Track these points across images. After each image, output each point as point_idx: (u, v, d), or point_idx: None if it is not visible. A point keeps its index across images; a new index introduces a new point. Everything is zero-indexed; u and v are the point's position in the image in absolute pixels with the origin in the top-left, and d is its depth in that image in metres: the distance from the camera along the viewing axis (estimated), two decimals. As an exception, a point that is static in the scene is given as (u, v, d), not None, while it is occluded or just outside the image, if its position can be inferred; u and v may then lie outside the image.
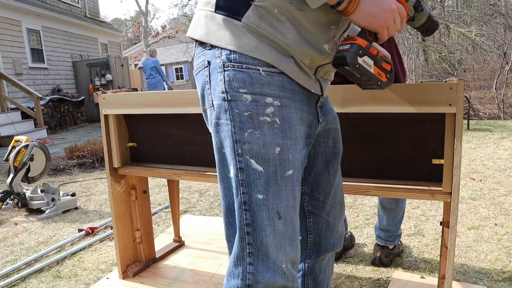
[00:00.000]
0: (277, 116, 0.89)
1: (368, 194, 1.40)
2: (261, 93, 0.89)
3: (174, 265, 2.15)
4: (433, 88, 1.21)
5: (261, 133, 0.88)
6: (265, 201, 0.89)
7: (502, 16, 12.49)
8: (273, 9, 0.87)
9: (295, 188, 0.93)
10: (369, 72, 0.91)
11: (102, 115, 1.84)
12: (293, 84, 0.93)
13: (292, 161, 0.91)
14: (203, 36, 0.93)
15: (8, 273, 2.21)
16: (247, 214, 0.90)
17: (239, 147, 0.89)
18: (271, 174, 0.89)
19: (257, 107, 0.88)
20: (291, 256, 0.93)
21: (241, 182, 0.90)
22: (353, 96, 1.32)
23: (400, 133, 1.37)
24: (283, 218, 0.90)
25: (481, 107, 9.24)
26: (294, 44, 0.90)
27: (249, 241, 0.91)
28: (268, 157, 0.89)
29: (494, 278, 1.87)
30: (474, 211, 2.73)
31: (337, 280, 1.94)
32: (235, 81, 0.88)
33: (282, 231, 0.90)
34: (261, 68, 0.89)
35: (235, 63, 0.89)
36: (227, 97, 0.89)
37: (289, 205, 0.91)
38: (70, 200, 3.33)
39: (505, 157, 4.23)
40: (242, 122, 0.89)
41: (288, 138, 0.90)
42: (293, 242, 0.93)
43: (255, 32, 0.88)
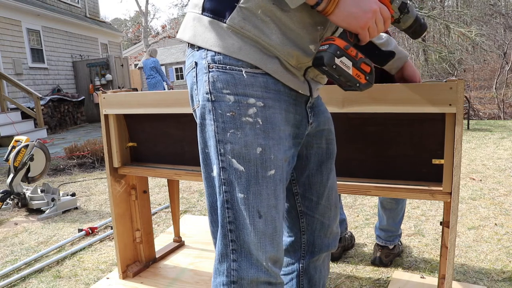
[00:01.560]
0: (259, 117, 0.91)
1: (368, 194, 1.40)
2: (244, 94, 0.90)
3: (174, 265, 2.15)
4: (433, 88, 1.21)
5: (243, 133, 0.90)
6: (245, 200, 0.91)
7: (502, 16, 12.49)
8: (256, 10, 0.88)
9: (277, 188, 0.94)
10: (347, 73, 0.90)
11: (102, 115, 1.84)
12: (278, 84, 0.93)
13: (274, 161, 0.92)
14: (191, 38, 0.95)
15: (8, 273, 2.21)
16: (229, 212, 0.92)
17: (221, 147, 0.91)
18: (252, 174, 0.91)
19: (239, 108, 0.90)
20: (271, 255, 0.94)
21: (223, 181, 0.92)
22: (353, 96, 1.32)
23: (400, 133, 1.37)
24: (263, 217, 0.92)
25: (481, 107, 9.24)
26: (279, 45, 0.91)
27: (232, 238, 0.93)
28: (249, 157, 0.90)
29: (494, 278, 1.87)
30: (474, 211, 2.73)
31: (337, 280, 1.94)
32: (219, 82, 0.90)
33: (262, 230, 0.92)
34: (244, 69, 0.90)
35: (219, 64, 0.90)
36: (211, 97, 0.91)
37: (270, 205, 0.93)
38: (70, 200, 3.33)
39: (505, 157, 4.23)
40: (224, 122, 0.90)
41: (270, 139, 0.92)
42: (274, 241, 0.94)
43: (239, 34, 0.90)
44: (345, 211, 2.82)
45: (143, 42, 23.39)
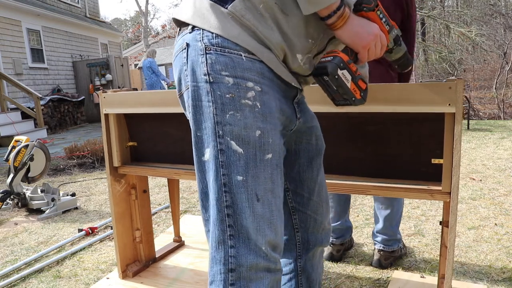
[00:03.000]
0: (257, 101, 0.91)
1: (368, 193, 1.40)
2: (242, 77, 0.90)
3: (174, 265, 2.15)
4: (432, 87, 1.21)
5: (243, 115, 0.90)
6: (244, 182, 0.90)
7: (502, 16, 12.49)
8: (259, 4, 0.91)
9: (274, 172, 0.94)
10: (346, 86, 0.95)
11: (103, 114, 1.84)
12: (271, 73, 0.95)
13: (272, 145, 0.93)
14: (189, 18, 0.95)
15: (8, 273, 2.21)
16: (227, 195, 0.91)
17: (220, 128, 0.90)
18: (250, 156, 0.90)
19: (238, 90, 0.90)
20: (270, 239, 0.94)
21: (221, 164, 0.91)
22: (353, 96, 1.32)
23: (400, 132, 1.37)
24: (261, 200, 0.92)
25: (481, 107, 9.24)
26: (274, 40, 0.93)
27: (230, 223, 0.91)
28: (248, 139, 0.90)
29: (494, 278, 1.87)
30: (474, 211, 2.73)
31: (337, 280, 1.94)
32: (218, 64, 0.90)
33: (261, 213, 0.92)
34: (243, 53, 0.91)
35: (218, 47, 0.91)
36: (209, 79, 0.90)
37: (267, 188, 0.93)
38: (70, 200, 3.34)
39: (505, 157, 4.23)
40: (224, 104, 0.90)
41: (268, 123, 0.92)
42: (272, 225, 0.94)
43: (239, 21, 0.91)
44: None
45: (143, 42, 23.37)
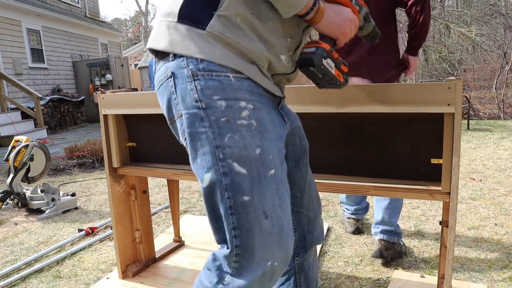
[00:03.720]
0: (252, 119, 0.92)
1: (367, 194, 1.40)
2: (234, 98, 0.91)
3: (174, 265, 2.15)
4: (431, 88, 1.21)
5: (240, 136, 0.90)
6: (251, 201, 0.90)
7: (502, 16, 12.49)
8: (235, 18, 0.91)
9: (280, 187, 0.95)
10: (331, 73, 1.01)
11: (102, 115, 1.84)
12: (258, 88, 0.97)
13: (273, 161, 0.94)
14: (167, 47, 0.94)
15: (8, 273, 2.21)
16: (233, 217, 0.91)
17: (220, 152, 0.90)
18: (254, 175, 0.91)
19: (232, 112, 0.91)
20: (279, 254, 0.93)
21: (226, 187, 0.91)
22: (352, 96, 1.32)
23: (399, 132, 1.37)
24: (269, 217, 0.92)
25: (481, 107, 9.23)
26: (257, 51, 0.94)
27: (237, 243, 0.92)
28: (250, 159, 0.91)
29: (494, 278, 1.87)
30: (474, 211, 2.73)
31: (337, 280, 1.94)
32: (207, 89, 0.90)
33: (269, 230, 0.92)
34: (230, 74, 0.92)
35: (204, 72, 0.91)
36: (202, 105, 0.91)
37: (275, 204, 0.93)
38: (70, 200, 3.34)
39: (505, 157, 4.23)
40: (220, 127, 0.90)
41: (265, 139, 0.93)
42: (281, 240, 0.93)
43: (219, 40, 0.92)
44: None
45: (143, 42, 23.35)
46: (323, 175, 1.50)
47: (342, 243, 2.34)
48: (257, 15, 0.92)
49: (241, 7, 0.91)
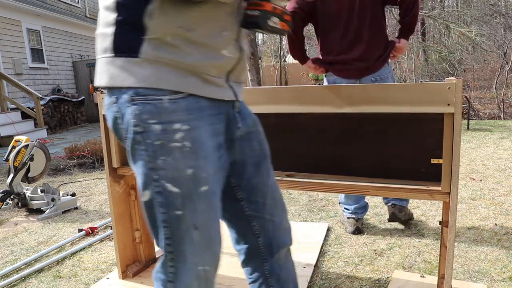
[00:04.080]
0: (186, 140, 0.96)
1: (367, 194, 1.40)
2: (169, 121, 0.95)
3: (174, 265, 2.15)
4: (431, 88, 1.21)
5: (173, 158, 0.96)
6: (183, 216, 0.98)
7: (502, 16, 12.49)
8: (165, 37, 0.94)
9: (210, 200, 1.01)
10: (277, 29, 1.04)
11: (101, 115, 1.84)
12: (200, 102, 0.99)
13: (206, 178, 0.99)
14: (108, 82, 0.98)
15: (8, 273, 2.21)
16: (167, 230, 1.00)
17: (154, 174, 0.97)
18: (186, 194, 0.97)
19: (167, 135, 0.95)
20: (208, 260, 1.03)
21: (160, 204, 0.98)
22: (351, 96, 1.32)
23: (399, 132, 1.37)
24: (199, 229, 1.00)
25: (481, 107, 9.23)
26: (195, 62, 0.96)
27: (170, 250, 1.01)
28: (182, 179, 0.97)
29: (494, 278, 1.87)
30: (474, 211, 2.73)
31: (337, 280, 1.94)
32: (144, 114, 0.95)
33: (199, 240, 1.00)
34: (165, 97, 0.95)
35: (142, 96, 0.94)
36: (139, 129, 0.96)
37: (205, 217, 1.00)
38: (70, 200, 3.34)
39: (505, 157, 4.23)
40: (155, 151, 0.96)
41: (200, 158, 0.98)
42: (210, 248, 1.03)
43: (155, 63, 0.94)
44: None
45: (143, 42, 23.29)
46: (323, 175, 1.50)
47: (342, 243, 2.34)
48: (184, 27, 0.94)
49: (166, 25, 0.93)
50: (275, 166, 1.61)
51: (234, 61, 1.05)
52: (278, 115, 1.52)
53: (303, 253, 2.19)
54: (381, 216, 2.71)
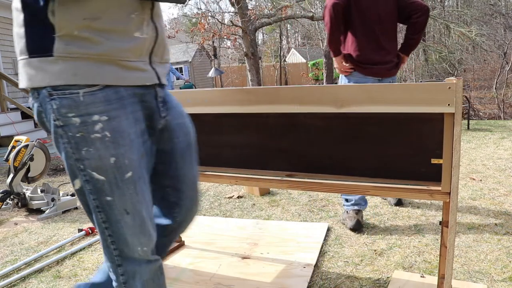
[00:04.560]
0: (106, 130, 1.01)
1: (367, 194, 1.40)
2: (87, 114, 0.99)
3: (174, 265, 2.15)
4: (431, 88, 1.21)
5: (95, 148, 1.01)
6: (112, 202, 1.05)
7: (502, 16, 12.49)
8: (73, 32, 0.96)
9: (137, 185, 1.07)
10: None
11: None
12: (119, 91, 1.02)
13: (129, 165, 1.05)
14: (28, 83, 1.02)
15: (8, 273, 2.21)
16: (102, 214, 1.07)
17: (80, 164, 1.03)
18: (112, 180, 1.03)
19: (86, 127, 1.00)
20: (144, 241, 1.11)
21: (90, 191, 1.05)
22: (351, 96, 1.32)
23: (399, 132, 1.37)
24: (130, 213, 1.07)
25: (481, 107, 9.24)
26: (108, 50, 0.99)
27: (109, 233, 1.09)
28: (106, 168, 1.02)
29: (494, 278, 1.87)
30: (474, 211, 2.73)
31: (337, 280, 1.94)
32: (62, 108, 0.99)
33: (131, 224, 1.08)
34: (82, 90, 0.98)
35: (59, 91, 0.98)
36: (59, 123, 1.00)
37: (134, 202, 1.07)
38: (70, 200, 3.34)
39: (505, 157, 4.23)
40: (77, 143, 1.01)
41: (121, 146, 1.03)
42: (143, 229, 1.10)
43: (69, 59, 0.97)
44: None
45: (143, 42, 23.27)
46: (323, 175, 1.50)
47: (342, 243, 2.34)
48: (89, 17, 0.96)
49: (71, 20, 0.95)
50: (275, 166, 1.61)
51: (151, 41, 1.08)
52: (278, 115, 1.52)
53: (303, 253, 2.19)
54: (381, 216, 2.71)
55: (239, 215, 2.96)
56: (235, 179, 1.62)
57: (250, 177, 1.59)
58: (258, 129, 1.61)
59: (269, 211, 2.99)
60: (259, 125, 1.60)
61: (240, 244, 2.37)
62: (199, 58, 18.30)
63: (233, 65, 22.10)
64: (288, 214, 2.89)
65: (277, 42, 22.64)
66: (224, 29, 11.86)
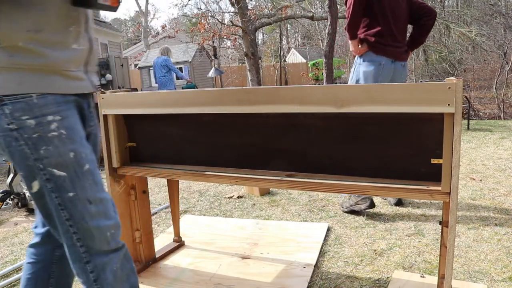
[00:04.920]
0: (61, 128, 1.07)
1: (367, 194, 1.40)
2: (41, 115, 1.04)
3: (174, 265, 2.15)
4: (431, 88, 1.21)
5: (54, 146, 1.06)
6: (75, 196, 1.09)
7: (502, 16, 12.49)
8: (17, 42, 1.00)
9: (94, 175, 1.14)
10: (107, 6, 1.12)
11: (101, 115, 1.84)
12: (66, 96, 1.10)
13: (85, 158, 1.12)
14: None
15: (8, 273, 2.21)
16: (65, 211, 1.10)
17: (39, 163, 1.06)
18: (73, 174, 1.09)
19: (42, 127, 1.05)
20: (111, 225, 1.15)
21: (51, 189, 1.08)
22: (351, 96, 1.32)
23: (399, 132, 1.37)
24: (93, 202, 1.12)
25: (481, 107, 9.24)
26: (54, 61, 1.04)
27: (74, 230, 1.11)
28: (66, 163, 1.08)
29: (494, 278, 1.87)
30: (474, 211, 2.73)
31: (337, 280, 1.94)
32: (16, 112, 1.02)
33: (96, 211, 1.12)
34: (34, 94, 1.03)
35: (11, 96, 1.02)
36: (13, 127, 1.03)
37: (94, 191, 1.13)
38: (70, 200, 3.33)
39: (505, 157, 4.22)
40: (34, 143, 1.05)
41: (76, 142, 1.10)
42: (108, 214, 1.15)
43: (14, 70, 1.01)
44: (344, 212, 2.82)
45: (143, 42, 23.35)
46: (323, 175, 1.50)
47: (342, 243, 2.34)
48: (33, 29, 1.00)
49: (14, 31, 0.99)
50: (275, 166, 1.61)
51: (87, 52, 1.15)
52: (278, 115, 1.52)
53: (303, 253, 2.19)
54: (381, 216, 2.71)
55: (239, 215, 2.95)
56: (235, 179, 1.62)
57: (250, 177, 1.59)
58: (258, 129, 1.61)
59: (269, 211, 2.99)
60: (259, 125, 1.60)
61: (240, 244, 2.37)
62: (199, 58, 18.30)
63: (233, 65, 22.10)
64: (288, 214, 2.89)
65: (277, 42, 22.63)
66: (224, 29, 11.87)
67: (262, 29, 16.23)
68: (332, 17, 7.24)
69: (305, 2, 10.71)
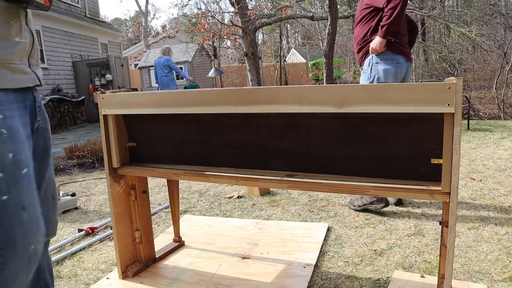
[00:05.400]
0: (2, 127, 1.04)
1: (367, 194, 1.40)
2: None
3: (174, 265, 2.15)
4: (431, 88, 1.21)
5: None
6: (8, 200, 1.04)
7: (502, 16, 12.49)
8: None
9: (32, 182, 1.11)
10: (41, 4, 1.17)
11: (101, 115, 1.84)
12: (8, 95, 1.08)
13: (24, 161, 1.08)
14: None
15: None
16: None
17: None
18: (9, 177, 1.04)
19: None
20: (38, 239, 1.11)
21: None
22: (351, 96, 1.32)
23: (399, 132, 1.37)
24: (26, 210, 1.07)
25: (481, 107, 9.23)
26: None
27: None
28: (5, 164, 1.04)
29: (494, 278, 1.87)
30: (474, 211, 2.73)
31: (337, 280, 1.94)
32: None
33: (28, 220, 1.08)
34: None
35: None
36: None
37: (30, 198, 1.09)
38: (70, 200, 3.33)
39: (505, 157, 4.22)
40: None
41: (17, 143, 1.07)
42: (39, 224, 1.12)
43: None
44: (344, 212, 2.82)
45: (143, 42, 23.35)
46: (323, 175, 1.50)
47: (342, 243, 2.34)
48: None
49: None
50: (275, 166, 1.61)
51: (29, 45, 1.15)
52: (278, 115, 1.52)
53: (303, 253, 2.19)
54: (381, 216, 2.71)
55: (239, 215, 2.95)
56: (235, 179, 1.62)
57: (250, 177, 1.59)
58: (258, 129, 1.61)
59: (269, 211, 2.99)
60: (259, 125, 1.60)
61: (240, 244, 2.37)
62: (199, 58, 18.29)
63: (233, 65, 22.10)
64: (288, 214, 2.89)
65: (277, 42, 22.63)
66: (224, 29, 11.86)
67: (262, 29, 16.22)
68: (332, 17, 7.24)
69: (305, 2, 10.71)
